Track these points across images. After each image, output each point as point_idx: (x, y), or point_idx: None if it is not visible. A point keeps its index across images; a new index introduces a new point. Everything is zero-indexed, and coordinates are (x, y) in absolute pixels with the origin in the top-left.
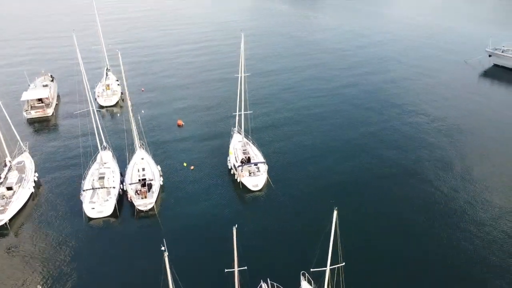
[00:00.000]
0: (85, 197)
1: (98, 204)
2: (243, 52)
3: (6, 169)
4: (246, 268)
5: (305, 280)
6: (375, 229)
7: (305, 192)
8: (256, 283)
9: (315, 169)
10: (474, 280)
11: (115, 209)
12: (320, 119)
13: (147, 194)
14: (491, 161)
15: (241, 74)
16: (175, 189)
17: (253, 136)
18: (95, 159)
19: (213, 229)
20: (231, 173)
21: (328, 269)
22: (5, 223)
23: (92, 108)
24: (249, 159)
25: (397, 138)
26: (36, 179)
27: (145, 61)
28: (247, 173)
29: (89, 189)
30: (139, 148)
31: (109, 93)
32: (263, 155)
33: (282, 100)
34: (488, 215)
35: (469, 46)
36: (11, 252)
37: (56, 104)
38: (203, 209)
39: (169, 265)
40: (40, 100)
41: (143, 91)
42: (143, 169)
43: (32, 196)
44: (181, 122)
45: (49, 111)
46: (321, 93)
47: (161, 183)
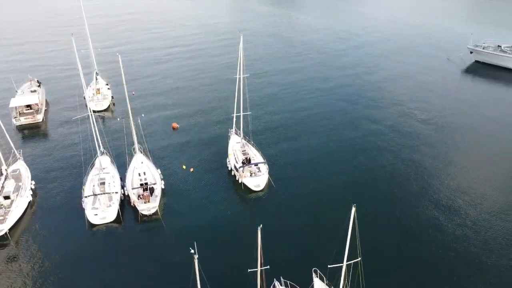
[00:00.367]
0: (87, 203)
1: (100, 210)
2: (241, 53)
3: (2, 178)
4: (268, 267)
5: (317, 277)
6: (384, 226)
7: (305, 191)
8: (269, 281)
9: (315, 168)
10: (489, 277)
11: (118, 214)
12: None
13: (150, 198)
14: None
15: (240, 75)
16: (177, 192)
17: (251, 136)
18: (93, 164)
19: (219, 231)
20: (232, 174)
21: (344, 264)
22: (5, 233)
23: (90, 113)
24: (249, 160)
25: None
26: (33, 187)
27: (137, 65)
28: (248, 174)
29: (91, 195)
30: (137, 152)
31: (99, 98)
32: (262, 155)
33: (279, 100)
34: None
35: (451, 44)
36: (13, 262)
37: (45, 109)
38: (207, 211)
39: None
40: (28, 106)
41: (134, 94)
42: (144, 173)
43: (30, 204)
44: (176, 125)
45: (39, 117)
46: (315, 94)
47: (163, 187)
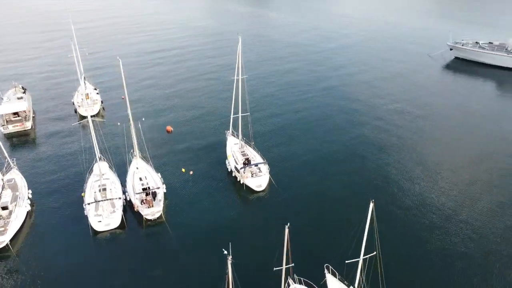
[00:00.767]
0: (90, 210)
1: (104, 216)
2: (240, 54)
3: None
4: (293, 265)
5: (329, 272)
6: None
7: (306, 190)
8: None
9: (315, 168)
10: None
11: (122, 220)
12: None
13: (153, 202)
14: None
15: (239, 76)
16: (179, 195)
17: (250, 137)
18: (91, 170)
19: (224, 232)
20: (232, 175)
21: (361, 259)
22: (7, 244)
23: (88, 118)
24: (249, 161)
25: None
26: (30, 196)
27: (129, 69)
28: (250, 174)
29: (93, 202)
30: (136, 156)
31: (89, 103)
32: (261, 156)
33: (277, 101)
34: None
35: (431, 41)
36: (16, 274)
37: (33, 116)
38: (210, 213)
39: (231, 270)
40: (16, 113)
41: (123, 98)
42: (145, 178)
43: (28, 214)
44: (170, 128)
45: (28, 125)
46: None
47: (165, 191)
